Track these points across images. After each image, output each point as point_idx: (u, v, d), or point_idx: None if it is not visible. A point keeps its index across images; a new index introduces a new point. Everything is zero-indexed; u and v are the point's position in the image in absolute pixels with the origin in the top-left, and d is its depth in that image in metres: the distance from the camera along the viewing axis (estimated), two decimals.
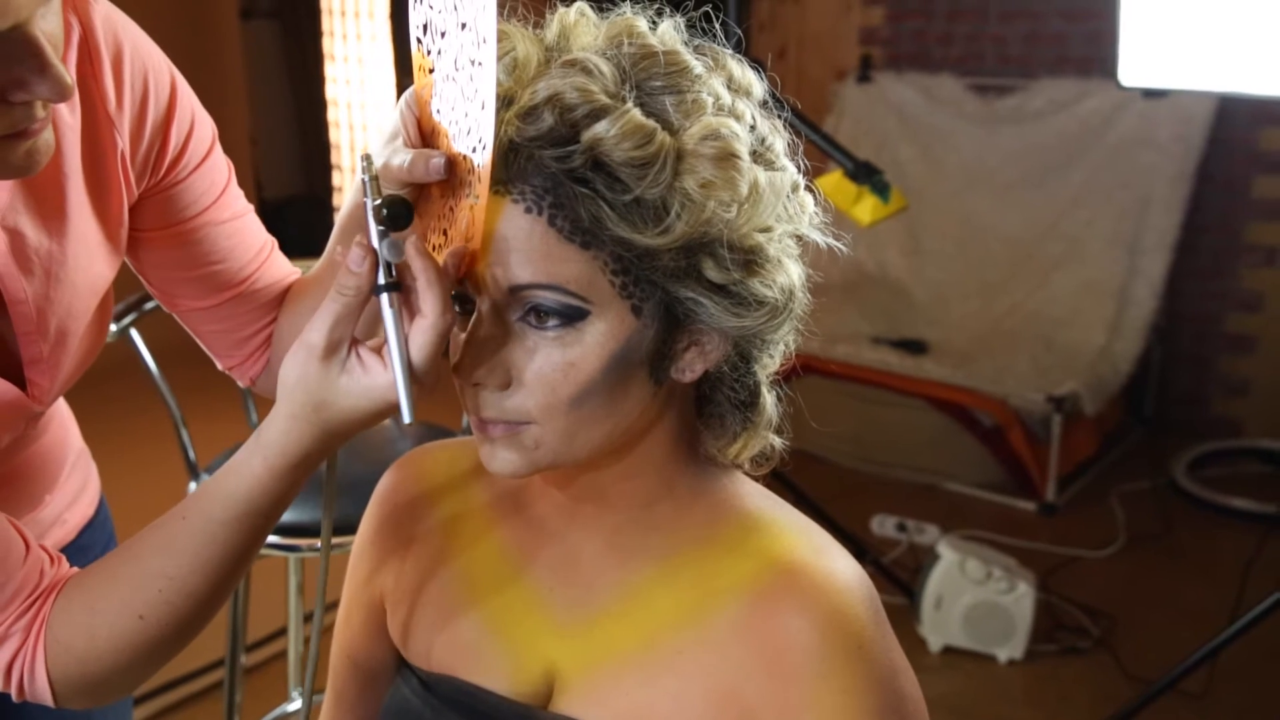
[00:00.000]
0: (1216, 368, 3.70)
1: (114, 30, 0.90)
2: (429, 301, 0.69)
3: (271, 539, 1.64)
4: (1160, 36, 2.23)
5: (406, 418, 0.70)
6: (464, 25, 0.70)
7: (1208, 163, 3.51)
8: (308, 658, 0.86)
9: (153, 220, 0.98)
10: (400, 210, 0.69)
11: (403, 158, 0.74)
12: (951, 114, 3.93)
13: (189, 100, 0.97)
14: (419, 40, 0.76)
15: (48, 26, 0.70)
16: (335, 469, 0.83)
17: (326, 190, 5.09)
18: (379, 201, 0.70)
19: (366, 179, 0.71)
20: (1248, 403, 3.65)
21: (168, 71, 0.95)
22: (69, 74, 0.71)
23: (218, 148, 1.01)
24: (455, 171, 0.72)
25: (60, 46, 0.72)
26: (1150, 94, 3.47)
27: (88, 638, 0.80)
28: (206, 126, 0.99)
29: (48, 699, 0.81)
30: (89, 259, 0.92)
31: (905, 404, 3.39)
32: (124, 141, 0.91)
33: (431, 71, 0.75)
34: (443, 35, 0.73)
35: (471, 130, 0.69)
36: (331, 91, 4.94)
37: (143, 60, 0.92)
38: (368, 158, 0.72)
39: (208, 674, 2.36)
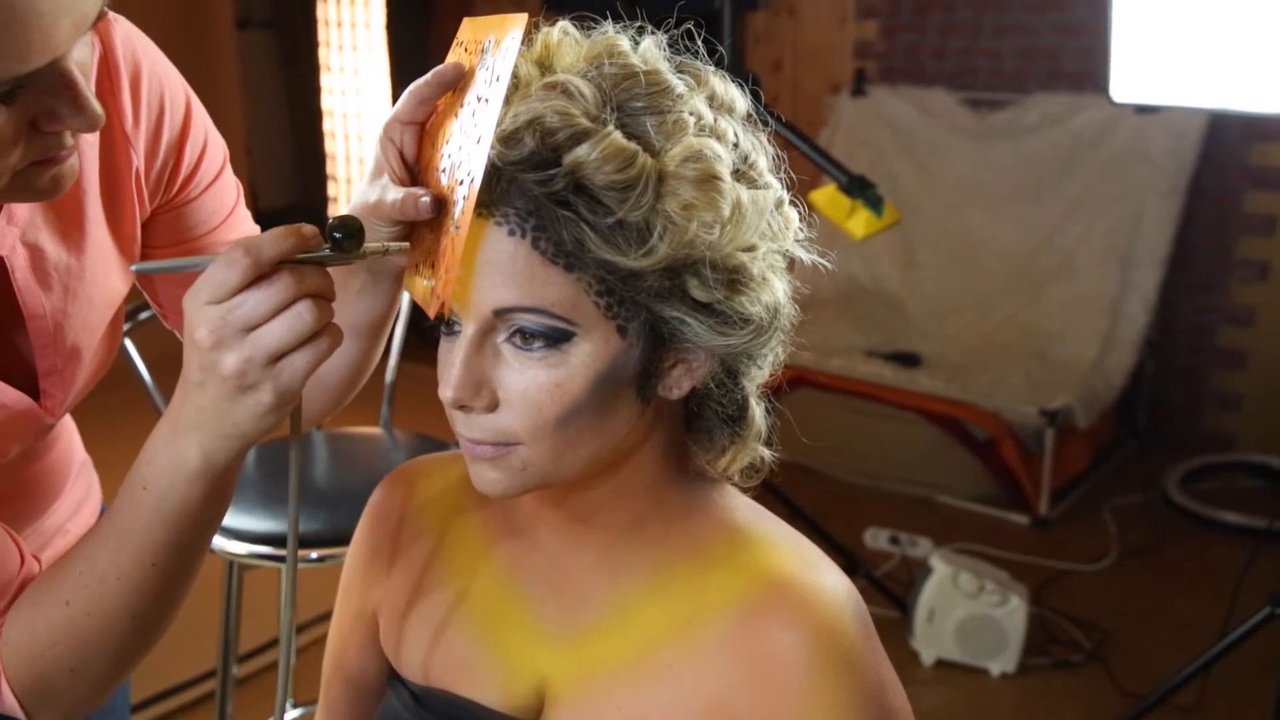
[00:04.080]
0: (1209, 382, 3.71)
1: (133, 50, 0.91)
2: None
3: (262, 550, 1.64)
4: (1151, 53, 2.24)
5: None
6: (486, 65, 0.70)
7: (1200, 178, 3.53)
8: (280, 672, 0.83)
9: (162, 237, 0.98)
10: (354, 227, 0.68)
11: (395, 195, 0.74)
12: (945, 128, 3.94)
13: (203, 121, 0.98)
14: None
15: (80, 56, 0.70)
16: (299, 478, 0.81)
17: (322, 200, 5.09)
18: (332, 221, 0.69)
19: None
20: (1240, 417, 3.66)
21: (183, 92, 0.96)
22: (99, 105, 0.71)
23: (228, 169, 1.02)
24: (445, 206, 0.72)
25: (91, 75, 0.72)
26: (1143, 109, 3.48)
27: (30, 632, 0.79)
28: (219, 147, 1.00)
29: (16, 710, 0.81)
30: (105, 274, 0.93)
31: (898, 417, 3.40)
32: (139, 159, 0.92)
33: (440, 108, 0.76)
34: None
35: (463, 164, 0.69)
36: (327, 102, 4.95)
37: (159, 80, 0.93)
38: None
39: (200, 685, 2.36)
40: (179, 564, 0.78)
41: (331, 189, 5.07)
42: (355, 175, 4.94)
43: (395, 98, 0.78)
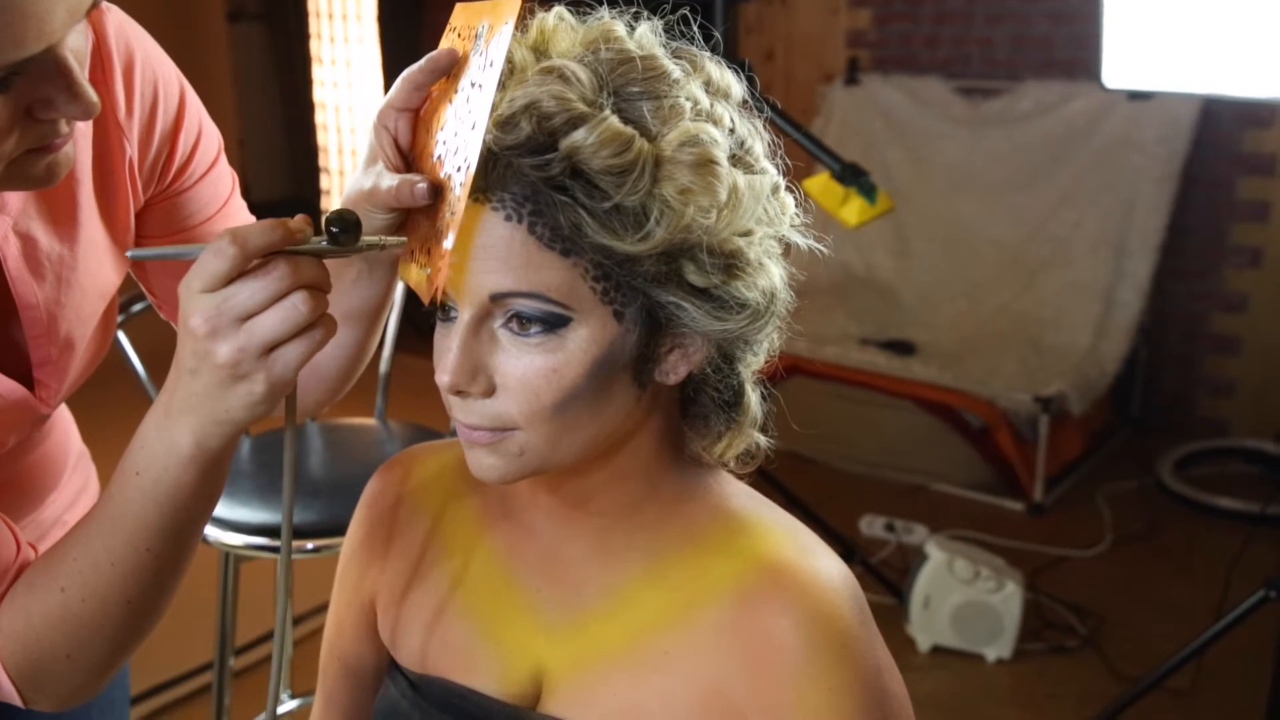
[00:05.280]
0: (1202, 368, 3.72)
1: (126, 39, 0.91)
2: None
3: (258, 541, 1.64)
4: (1144, 39, 2.24)
5: None
6: (479, 51, 0.70)
7: (1192, 164, 3.53)
8: (274, 664, 0.82)
9: (156, 227, 0.98)
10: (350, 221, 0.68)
11: (390, 182, 0.73)
12: (938, 116, 3.94)
13: (197, 110, 0.98)
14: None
15: (75, 44, 0.70)
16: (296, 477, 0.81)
17: (315, 193, 5.08)
18: (327, 216, 0.69)
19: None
20: (1233, 402, 3.67)
21: (177, 81, 0.96)
22: (94, 93, 0.71)
23: (223, 159, 1.02)
24: (440, 192, 0.72)
25: (86, 63, 0.72)
26: (1135, 96, 3.49)
27: (25, 618, 0.79)
28: (213, 137, 1.00)
29: (13, 696, 0.80)
30: (98, 264, 0.93)
31: (893, 405, 3.40)
32: (132, 149, 0.92)
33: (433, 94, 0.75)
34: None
35: (459, 150, 0.69)
36: (319, 94, 4.94)
37: (153, 69, 0.93)
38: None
39: (197, 677, 2.36)
40: (173, 549, 0.78)
41: (324, 181, 5.06)
42: (348, 167, 4.93)
43: (387, 89, 0.77)
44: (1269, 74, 2.06)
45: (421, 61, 0.74)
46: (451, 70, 0.74)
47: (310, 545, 1.63)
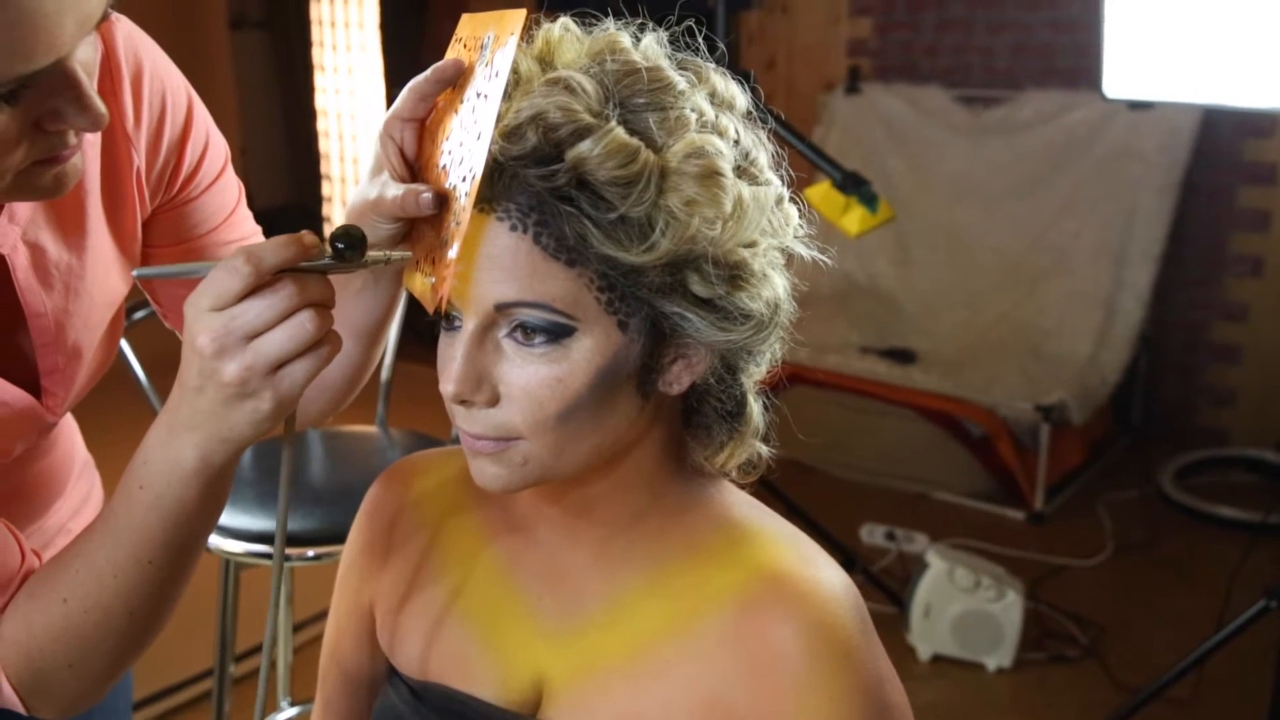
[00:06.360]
0: (1203, 377, 3.72)
1: (135, 49, 0.91)
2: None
3: (259, 548, 1.64)
4: (1144, 49, 2.25)
5: None
6: (486, 62, 0.70)
7: (1193, 174, 3.54)
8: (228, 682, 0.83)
9: (163, 237, 0.99)
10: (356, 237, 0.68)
11: (395, 191, 0.74)
12: (939, 125, 3.95)
13: (204, 120, 0.98)
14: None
15: (84, 56, 0.71)
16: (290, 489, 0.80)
17: (316, 200, 5.08)
18: (333, 233, 0.69)
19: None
20: (1234, 412, 3.67)
21: (185, 91, 0.96)
22: (103, 105, 0.71)
23: (230, 169, 1.02)
24: (445, 202, 0.72)
25: (95, 74, 0.73)
26: (1136, 106, 3.49)
27: (27, 627, 0.79)
28: (220, 147, 1.01)
29: (16, 704, 0.81)
30: (105, 273, 0.93)
31: (894, 413, 3.40)
32: (140, 159, 0.92)
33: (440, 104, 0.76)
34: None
35: (464, 160, 0.69)
36: (321, 101, 4.94)
37: (161, 80, 0.93)
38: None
39: (197, 684, 2.36)
40: (176, 562, 0.78)
41: (326, 188, 5.06)
42: (350, 174, 4.94)
43: (389, 97, 0.78)
44: (1269, 84, 2.07)
45: (427, 72, 0.75)
46: (457, 81, 0.74)
47: (311, 553, 1.63)
